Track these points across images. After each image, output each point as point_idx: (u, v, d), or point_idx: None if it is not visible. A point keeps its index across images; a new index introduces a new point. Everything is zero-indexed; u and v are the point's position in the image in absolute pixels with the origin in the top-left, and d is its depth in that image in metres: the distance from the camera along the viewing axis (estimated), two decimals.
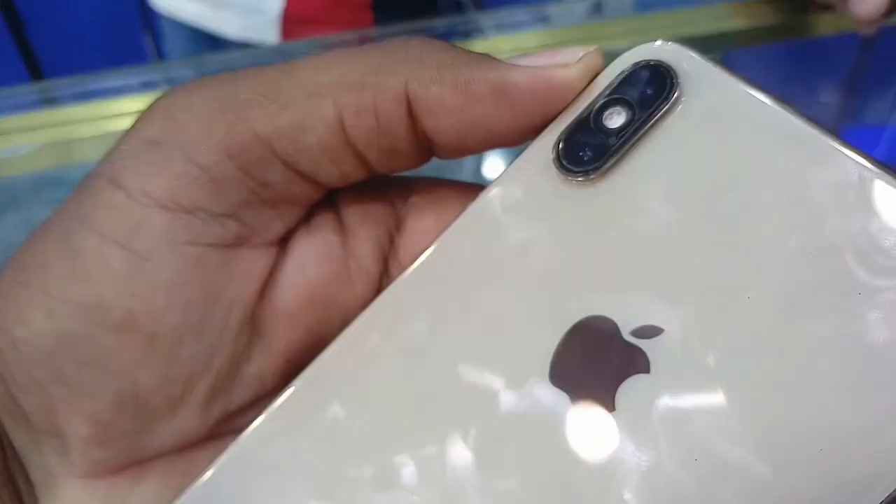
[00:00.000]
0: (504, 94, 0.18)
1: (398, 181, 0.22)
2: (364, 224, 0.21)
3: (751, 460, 0.16)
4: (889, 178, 0.16)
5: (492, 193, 0.19)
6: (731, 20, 0.58)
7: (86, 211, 0.18)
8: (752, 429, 0.16)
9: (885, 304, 0.16)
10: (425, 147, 0.20)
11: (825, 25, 0.58)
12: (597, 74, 0.19)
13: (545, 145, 0.19)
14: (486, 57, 0.19)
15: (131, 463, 0.20)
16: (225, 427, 0.21)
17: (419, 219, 0.21)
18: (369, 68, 0.19)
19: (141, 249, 0.18)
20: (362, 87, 0.18)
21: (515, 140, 0.19)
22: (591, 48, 0.19)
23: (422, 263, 0.20)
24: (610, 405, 0.17)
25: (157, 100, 0.19)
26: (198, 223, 0.19)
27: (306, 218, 0.21)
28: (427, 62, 0.19)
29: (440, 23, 0.65)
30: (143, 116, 0.19)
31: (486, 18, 0.59)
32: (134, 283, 0.18)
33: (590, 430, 0.18)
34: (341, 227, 0.21)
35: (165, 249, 0.18)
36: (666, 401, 0.17)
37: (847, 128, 0.67)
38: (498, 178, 0.20)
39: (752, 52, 0.62)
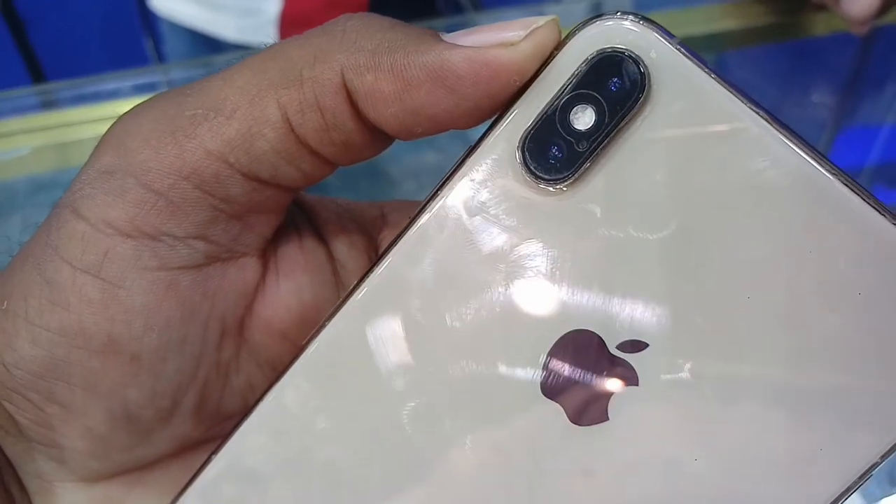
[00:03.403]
0: (442, 81, 0.17)
1: (374, 211, 0.22)
2: (351, 256, 0.21)
3: (742, 468, 0.17)
4: (861, 196, 0.16)
5: (454, 196, 0.18)
6: (727, 20, 0.58)
7: (55, 242, 0.18)
8: (742, 438, 0.17)
9: (860, 316, 0.16)
10: (380, 134, 0.19)
11: (820, 26, 0.58)
12: (551, 51, 0.17)
13: (506, 143, 0.17)
14: (426, 37, 0.17)
15: (128, 470, 0.21)
16: (219, 430, 0.21)
17: None
18: (306, 59, 0.18)
19: (112, 277, 0.18)
20: (301, 82, 0.18)
21: (468, 125, 0.18)
22: (544, 19, 0.17)
23: (392, 268, 0.19)
24: (604, 416, 0.18)
25: (111, 126, 0.19)
26: (164, 248, 0.18)
27: (300, 245, 0.21)
28: (362, 47, 0.17)
29: (439, 23, 0.65)
30: (99, 144, 0.19)
31: (484, 18, 0.59)
32: (111, 309, 0.18)
33: (588, 440, 0.18)
34: (332, 258, 0.21)
35: (136, 276, 0.18)
36: (658, 412, 0.17)
37: (843, 128, 0.67)
38: (455, 177, 0.18)
39: (749, 52, 0.62)
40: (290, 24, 0.71)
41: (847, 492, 0.16)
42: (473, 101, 0.17)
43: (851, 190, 0.16)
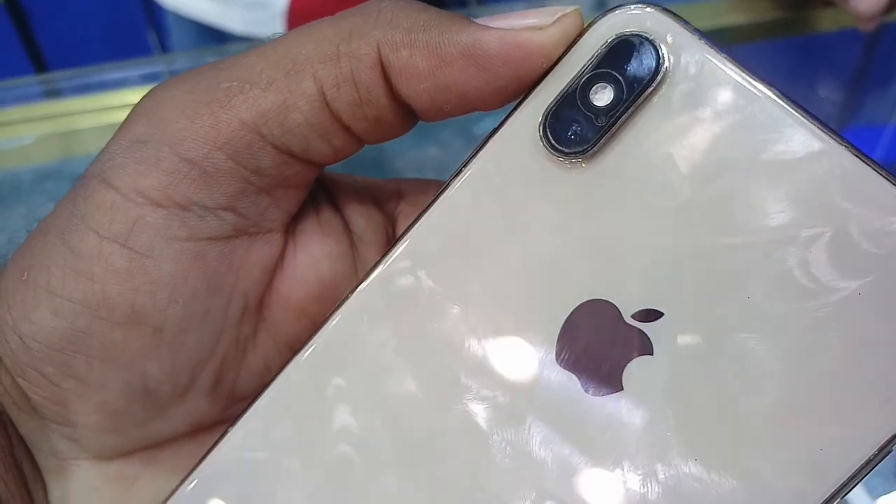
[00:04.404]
0: (475, 59, 0.18)
1: (390, 186, 0.23)
2: (368, 229, 0.22)
3: (755, 439, 0.17)
4: (873, 169, 0.16)
5: (477, 172, 0.19)
6: (734, 15, 0.58)
7: (81, 211, 0.18)
8: (754, 411, 0.17)
9: (870, 289, 0.16)
10: (409, 112, 0.19)
11: (827, 21, 0.58)
12: (575, 37, 0.18)
13: (528, 120, 0.18)
14: (459, 18, 0.18)
15: (142, 447, 0.21)
16: (233, 412, 0.21)
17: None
18: (342, 35, 0.18)
19: (139, 247, 0.18)
20: (337, 56, 0.18)
21: (494, 104, 0.19)
22: (570, 8, 0.18)
23: (413, 244, 0.19)
24: (618, 385, 0.18)
25: (143, 98, 0.19)
26: (194, 218, 0.19)
27: (318, 219, 0.21)
28: (398, 24, 0.18)
29: None
30: (130, 116, 0.19)
31: (486, 12, 0.59)
32: (136, 279, 0.18)
33: (602, 409, 0.18)
34: (349, 232, 0.21)
35: (164, 246, 0.18)
36: (672, 381, 0.17)
37: (848, 126, 0.67)
38: (479, 155, 0.19)
39: (756, 47, 0.62)
40: (298, 17, 0.70)
41: (866, 466, 0.16)
42: (503, 81, 0.18)
43: (865, 163, 0.16)
